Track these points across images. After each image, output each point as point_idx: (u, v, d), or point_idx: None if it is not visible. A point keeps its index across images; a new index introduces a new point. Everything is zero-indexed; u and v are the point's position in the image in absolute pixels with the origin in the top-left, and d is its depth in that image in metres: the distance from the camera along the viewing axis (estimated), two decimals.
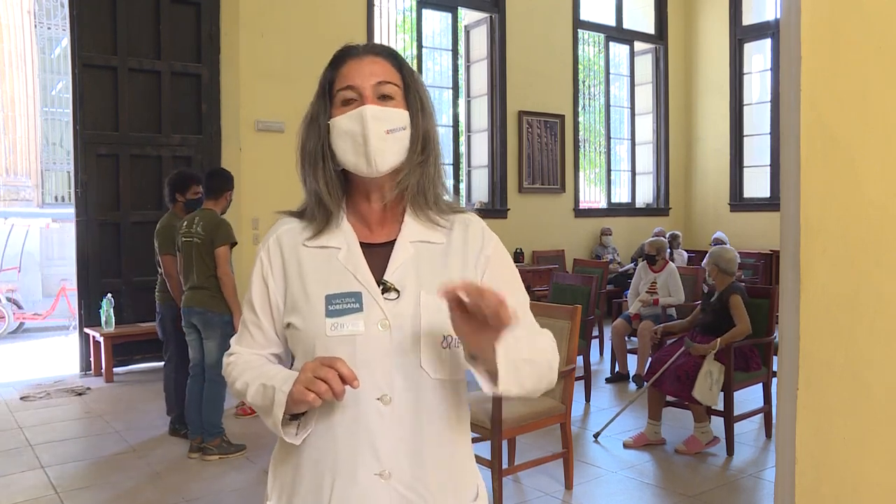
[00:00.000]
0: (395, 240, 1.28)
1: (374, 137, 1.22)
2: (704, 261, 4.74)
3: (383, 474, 1.20)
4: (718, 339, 4.31)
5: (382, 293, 1.23)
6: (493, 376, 1.16)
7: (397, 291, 1.23)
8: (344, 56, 1.29)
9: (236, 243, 4.39)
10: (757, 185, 10.53)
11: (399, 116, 1.26)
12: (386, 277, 1.24)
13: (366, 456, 1.20)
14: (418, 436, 1.22)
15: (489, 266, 1.32)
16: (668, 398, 4.52)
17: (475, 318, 1.09)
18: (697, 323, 4.65)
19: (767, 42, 10.30)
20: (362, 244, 1.28)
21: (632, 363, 6.12)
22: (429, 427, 1.23)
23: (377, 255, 1.27)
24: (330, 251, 1.27)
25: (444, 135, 9.05)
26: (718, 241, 8.57)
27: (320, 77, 1.31)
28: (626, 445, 4.46)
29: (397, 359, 1.21)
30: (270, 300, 1.30)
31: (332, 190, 1.27)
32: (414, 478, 1.21)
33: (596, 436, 4.65)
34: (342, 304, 1.22)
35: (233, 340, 1.36)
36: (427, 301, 1.22)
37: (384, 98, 1.26)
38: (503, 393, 1.18)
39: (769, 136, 10.19)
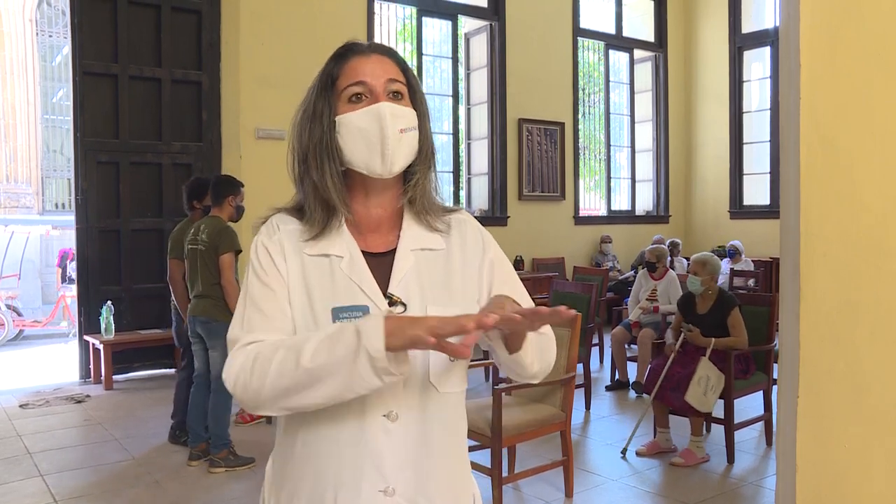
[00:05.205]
0: (393, 249, 1.25)
1: (391, 136, 1.19)
2: (691, 266, 4.67)
3: (387, 491, 1.17)
4: (714, 340, 4.33)
5: (389, 306, 1.20)
6: (509, 344, 1.18)
7: (404, 305, 1.20)
8: (348, 52, 1.26)
9: (241, 251, 4.36)
10: (757, 192, 10.54)
11: (411, 116, 1.24)
12: (391, 291, 1.21)
13: (370, 472, 1.17)
14: (423, 450, 1.20)
15: (495, 270, 1.31)
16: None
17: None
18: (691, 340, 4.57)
19: (767, 50, 10.31)
20: (362, 253, 1.24)
21: (632, 371, 6.11)
22: (433, 441, 1.21)
23: (377, 265, 1.23)
24: (332, 259, 1.22)
25: (444, 142, 9.07)
26: (734, 249, 8.65)
27: (320, 72, 1.27)
28: (639, 454, 4.44)
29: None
30: (289, 288, 1.21)
31: (339, 189, 1.23)
32: (417, 492, 1.19)
33: (623, 451, 4.47)
34: (350, 317, 1.17)
35: (238, 333, 1.19)
36: (435, 314, 1.19)
37: (395, 96, 1.23)
38: (519, 358, 1.20)
39: (769, 144, 10.19)
